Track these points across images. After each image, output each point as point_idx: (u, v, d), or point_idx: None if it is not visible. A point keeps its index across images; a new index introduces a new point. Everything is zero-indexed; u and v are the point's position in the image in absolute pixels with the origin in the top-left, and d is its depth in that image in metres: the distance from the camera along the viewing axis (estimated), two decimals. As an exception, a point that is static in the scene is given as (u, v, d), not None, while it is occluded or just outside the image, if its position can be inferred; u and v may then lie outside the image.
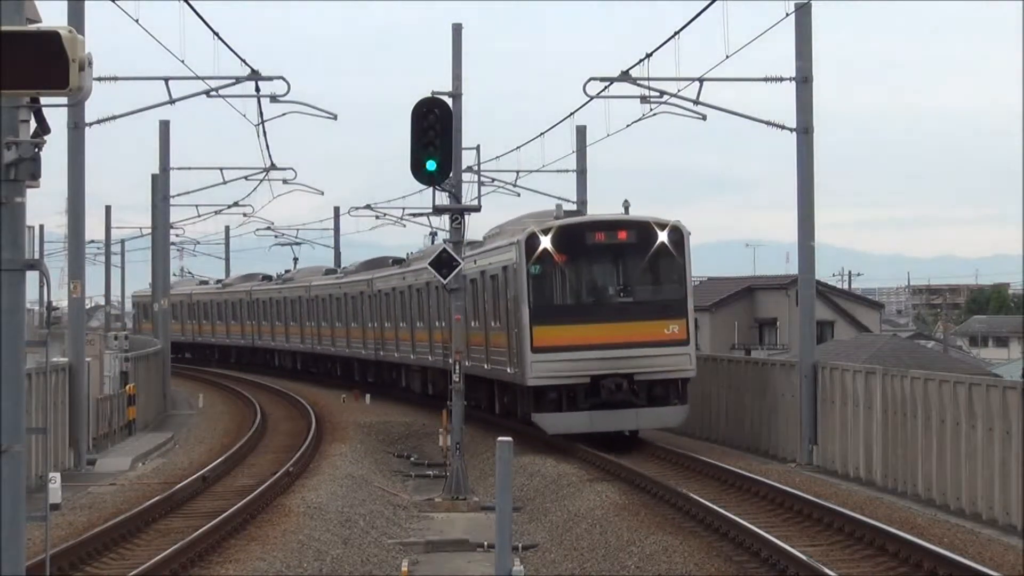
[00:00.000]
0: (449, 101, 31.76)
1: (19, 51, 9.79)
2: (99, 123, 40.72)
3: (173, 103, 41.06)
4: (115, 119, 40.95)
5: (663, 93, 38.48)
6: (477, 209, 34.24)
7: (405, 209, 69.55)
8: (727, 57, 35.27)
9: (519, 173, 55.24)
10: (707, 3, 32.56)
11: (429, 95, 30.91)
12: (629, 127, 41.25)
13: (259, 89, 40.87)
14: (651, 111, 39.11)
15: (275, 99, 40.75)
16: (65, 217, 40.97)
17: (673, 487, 30.47)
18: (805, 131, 37.07)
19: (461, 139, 33.47)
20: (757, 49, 34.59)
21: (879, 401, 32.72)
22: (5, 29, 9.86)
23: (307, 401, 58.44)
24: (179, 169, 63.36)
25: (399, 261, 61.83)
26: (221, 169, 59.87)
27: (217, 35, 37.38)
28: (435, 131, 30.18)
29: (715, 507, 27.32)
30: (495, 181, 55.66)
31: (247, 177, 59.99)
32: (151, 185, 65.55)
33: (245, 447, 42.10)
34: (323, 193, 67.45)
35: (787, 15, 34.35)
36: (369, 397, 61.62)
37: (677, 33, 35.50)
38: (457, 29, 33.50)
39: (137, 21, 34.53)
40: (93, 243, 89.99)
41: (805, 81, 36.89)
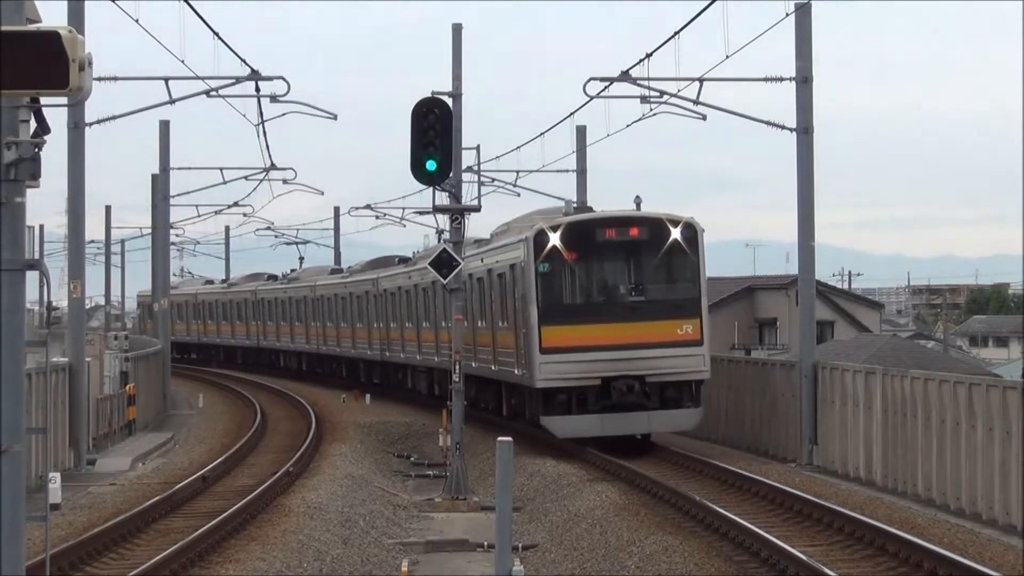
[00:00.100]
0: (449, 101, 31.77)
1: (19, 51, 9.80)
2: (99, 123, 40.76)
3: (173, 103, 41.10)
4: (115, 119, 40.98)
5: (663, 93, 38.48)
6: (477, 209, 34.24)
7: (405, 209, 69.66)
8: (727, 57, 35.30)
9: (519, 173, 55.25)
10: (707, 3, 32.57)
11: (429, 95, 30.92)
12: (629, 127, 41.25)
13: (259, 89, 40.90)
14: (651, 111, 39.11)
15: (275, 99, 40.75)
16: (65, 217, 40.99)
17: (673, 487, 30.45)
18: (805, 131, 37.07)
19: (461, 139, 33.46)
20: (757, 49, 34.58)
21: (879, 401, 32.72)
22: (5, 29, 9.86)
23: (307, 401, 58.43)
24: (179, 169, 63.43)
25: (405, 260, 60.99)
26: (221, 169, 59.91)
27: (217, 35, 37.43)
28: (435, 131, 30.17)
29: (715, 507, 27.32)
30: (495, 181, 55.66)
31: (247, 177, 60.01)
32: (151, 185, 65.57)
33: (245, 447, 42.10)
34: (323, 193, 67.48)
35: (787, 15, 34.36)
36: (369, 397, 61.60)
37: (677, 33, 35.52)
38: (457, 29, 33.50)
39: (137, 21, 34.58)
40: (93, 243, 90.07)
41: (805, 81, 36.89)
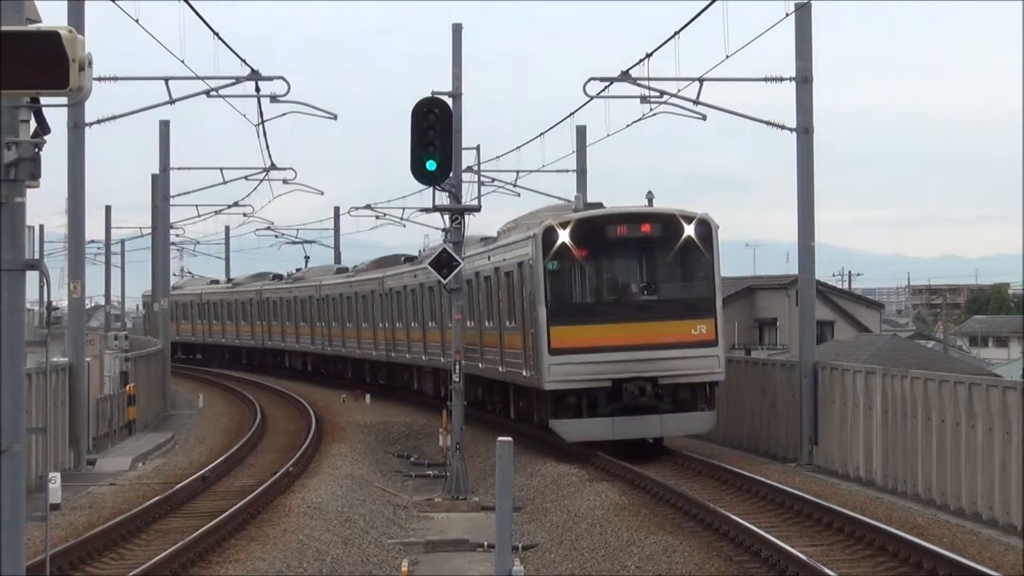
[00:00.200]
0: (449, 101, 31.78)
1: (19, 51, 9.79)
2: (99, 123, 40.74)
3: (173, 103, 41.09)
4: (115, 119, 40.97)
5: (663, 93, 38.47)
6: (477, 209, 34.24)
7: (405, 209, 69.68)
8: (727, 57, 35.27)
9: (519, 173, 55.24)
10: (707, 3, 32.57)
11: (429, 95, 30.92)
12: (629, 127, 41.21)
13: (259, 89, 40.89)
14: (651, 111, 39.11)
15: (275, 99, 40.74)
16: (65, 217, 41.01)
17: (673, 487, 30.43)
18: (805, 131, 37.07)
19: (461, 139, 33.46)
20: (757, 49, 34.58)
21: (879, 401, 32.72)
22: (5, 29, 9.86)
23: (307, 401, 58.42)
24: (179, 169, 63.43)
25: (411, 259, 59.79)
26: (221, 169, 59.88)
27: (217, 35, 37.44)
28: (435, 131, 30.16)
29: (715, 507, 27.32)
30: (495, 181, 55.65)
31: (247, 177, 59.99)
32: (151, 185, 65.62)
33: (245, 447, 42.10)
34: (323, 193, 67.51)
35: (787, 15, 34.35)
36: (369, 397, 61.58)
37: (677, 33, 35.50)
38: (457, 29, 33.50)
39: (137, 21, 34.60)
40: (93, 243, 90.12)
41: (805, 81, 36.89)
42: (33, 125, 10.33)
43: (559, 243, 36.30)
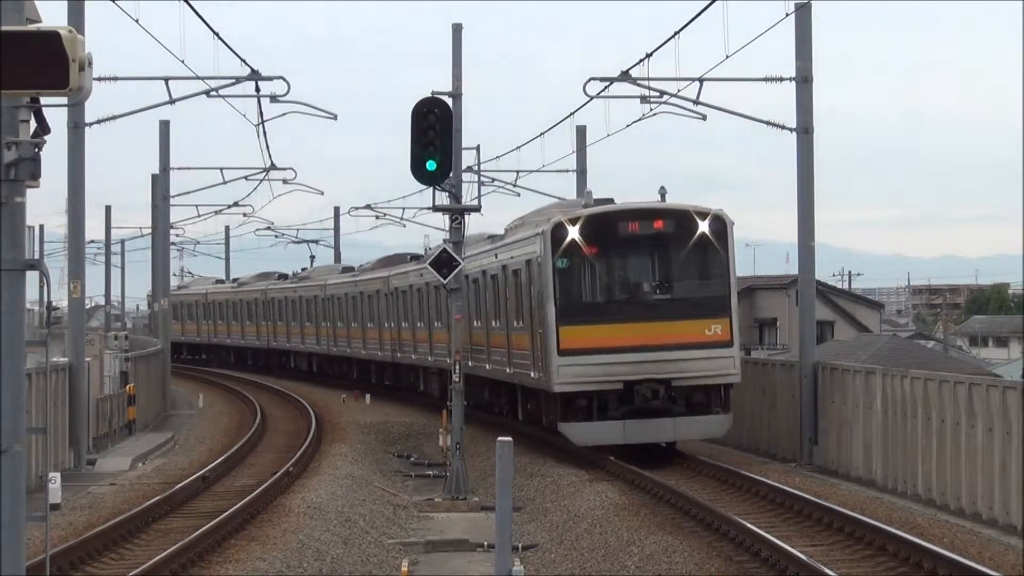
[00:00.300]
0: (449, 101, 31.78)
1: (19, 51, 9.79)
2: (99, 123, 40.76)
3: (173, 103, 41.11)
4: (115, 119, 40.99)
5: (663, 93, 38.48)
6: (477, 209, 34.24)
7: (405, 209, 69.73)
8: (727, 57, 35.26)
9: (519, 173, 55.26)
10: (707, 3, 32.57)
11: (429, 95, 30.92)
12: (629, 127, 41.17)
13: (259, 89, 40.91)
14: (651, 111, 39.11)
15: (275, 99, 40.76)
16: (65, 217, 41.01)
17: (673, 487, 30.40)
18: (805, 131, 37.08)
19: (461, 139, 33.47)
20: (757, 49, 34.58)
21: (879, 401, 32.73)
22: (5, 29, 9.86)
23: (307, 401, 58.42)
24: (179, 169, 63.44)
25: (417, 258, 58.88)
26: (221, 169, 59.90)
27: (217, 35, 37.45)
28: (435, 131, 30.16)
29: (715, 507, 27.32)
30: (495, 181, 55.69)
31: (247, 177, 60.01)
32: (151, 185, 65.62)
33: (245, 447, 42.10)
34: (323, 193, 67.53)
35: (787, 15, 34.35)
36: (369, 397, 61.57)
37: (677, 33, 35.50)
38: (457, 29, 33.50)
39: (137, 21, 34.62)
40: (93, 243, 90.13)
41: (805, 81, 36.91)
42: (33, 125, 10.33)
43: (569, 240, 35.09)
